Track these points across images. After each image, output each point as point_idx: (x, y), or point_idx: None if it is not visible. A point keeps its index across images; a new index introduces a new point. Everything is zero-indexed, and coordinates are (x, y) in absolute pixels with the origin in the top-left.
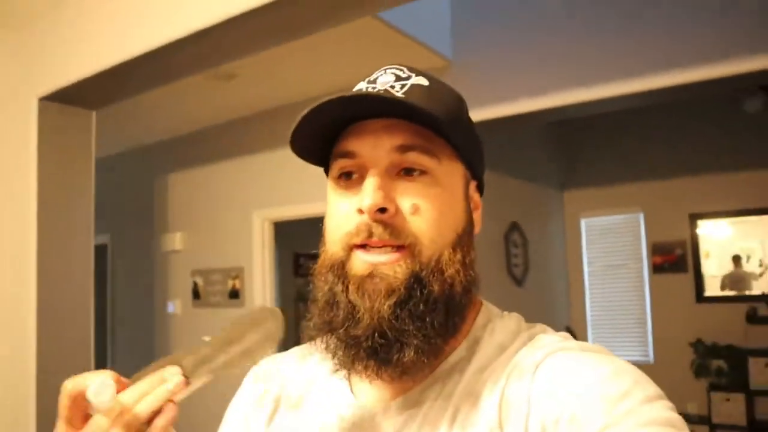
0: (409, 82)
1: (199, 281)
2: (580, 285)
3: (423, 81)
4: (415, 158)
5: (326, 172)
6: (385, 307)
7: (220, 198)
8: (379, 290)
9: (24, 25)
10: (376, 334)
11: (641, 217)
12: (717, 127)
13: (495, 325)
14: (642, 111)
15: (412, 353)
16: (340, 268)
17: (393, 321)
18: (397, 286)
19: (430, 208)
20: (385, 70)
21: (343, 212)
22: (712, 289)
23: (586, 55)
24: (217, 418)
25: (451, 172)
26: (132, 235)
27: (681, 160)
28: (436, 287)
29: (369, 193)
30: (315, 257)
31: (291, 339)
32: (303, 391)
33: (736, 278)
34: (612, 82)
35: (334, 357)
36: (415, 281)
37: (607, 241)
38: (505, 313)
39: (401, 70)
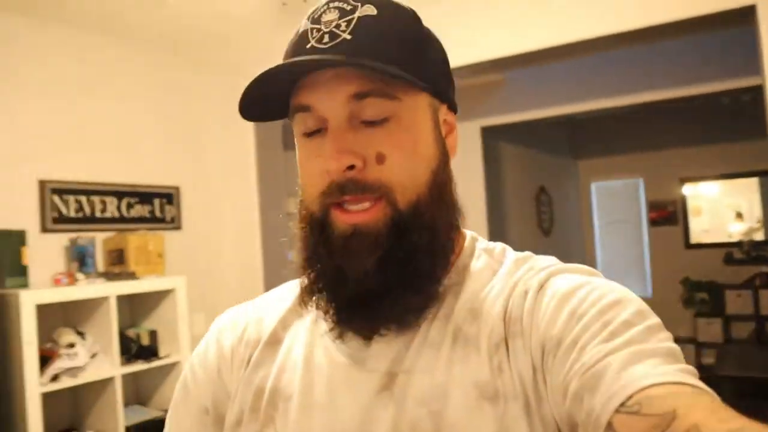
0: (356, 16)
1: None
2: (591, 235)
3: (371, 10)
4: (372, 103)
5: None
6: (371, 263)
7: None
8: (362, 248)
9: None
10: (366, 292)
11: (641, 181)
12: (701, 113)
13: (482, 251)
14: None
15: (402, 305)
16: (320, 229)
17: (380, 276)
18: (381, 241)
19: (397, 153)
20: (328, 4)
21: (314, 171)
22: (696, 237)
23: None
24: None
25: (415, 106)
26: None
27: (672, 137)
28: (417, 234)
29: (331, 154)
30: None
31: None
32: (280, 328)
33: (748, 231)
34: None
35: (326, 316)
36: (397, 231)
37: (613, 201)
38: (490, 242)
39: (346, 1)
